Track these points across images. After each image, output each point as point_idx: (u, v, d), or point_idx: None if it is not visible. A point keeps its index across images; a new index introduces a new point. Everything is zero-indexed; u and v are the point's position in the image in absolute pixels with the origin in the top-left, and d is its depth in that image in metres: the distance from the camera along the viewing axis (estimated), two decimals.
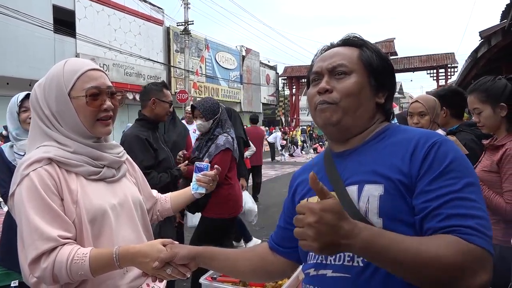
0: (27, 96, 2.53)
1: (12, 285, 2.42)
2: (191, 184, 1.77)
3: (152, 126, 3.10)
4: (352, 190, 1.02)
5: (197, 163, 1.80)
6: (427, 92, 3.41)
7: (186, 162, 3.33)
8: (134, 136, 2.94)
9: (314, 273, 1.07)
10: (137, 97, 21.67)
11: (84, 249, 1.25)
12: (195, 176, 1.76)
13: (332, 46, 1.18)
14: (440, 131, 2.63)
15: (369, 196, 0.97)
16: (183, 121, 6.60)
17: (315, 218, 0.78)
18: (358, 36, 1.16)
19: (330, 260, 1.02)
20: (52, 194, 1.26)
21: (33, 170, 1.26)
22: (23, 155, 2.40)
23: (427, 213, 0.90)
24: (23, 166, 1.28)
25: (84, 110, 1.34)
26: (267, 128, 26.59)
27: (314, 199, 1.09)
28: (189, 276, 1.31)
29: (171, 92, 3.23)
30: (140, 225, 1.51)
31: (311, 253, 1.10)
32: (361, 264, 0.96)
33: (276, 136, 20.18)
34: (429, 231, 0.89)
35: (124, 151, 1.56)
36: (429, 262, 0.81)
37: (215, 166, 1.80)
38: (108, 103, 1.37)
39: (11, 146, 2.52)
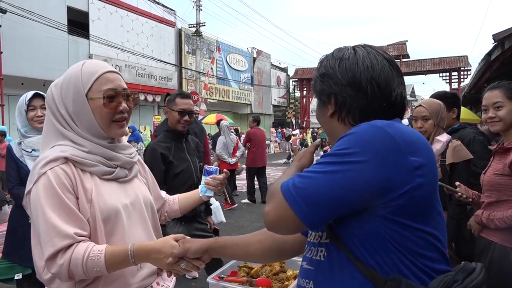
0: (34, 95, 2.59)
1: (15, 277, 2.47)
2: (200, 186, 1.80)
3: (175, 137, 3.10)
4: None
5: (206, 167, 1.83)
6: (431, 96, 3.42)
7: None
8: (150, 148, 3.05)
9: (301, 264, 1.16)
10: (149, 98, 21.76)
11: (99, 246, 1.28)
12: (204, 179, 1.79)
13: None
14: (444, 136, 2.64)
15: None
16: None
17: None
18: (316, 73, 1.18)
19: (308, 253, 1.11)
20: (68, 192, 1.29)
21: (50, 169, 1.29)
22: (30, 152, 2.49)
23: None
24: (40, 164, 1.30)
25: (101, 111, 1.37)
26: (276, 129, 26.72)
27: None
28: (203, 267, 1.35)
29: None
30: (150, 225, 1.55)
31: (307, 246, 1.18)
32: (322, 259, 1.04)
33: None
34: None
35: (135, 152, 1.59)
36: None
37: (224, 170, 1.83)
38: (124, 105, 1.41)
39: (19, 143, 2.57)
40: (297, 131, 22.70)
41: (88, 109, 1.37)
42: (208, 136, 11.45)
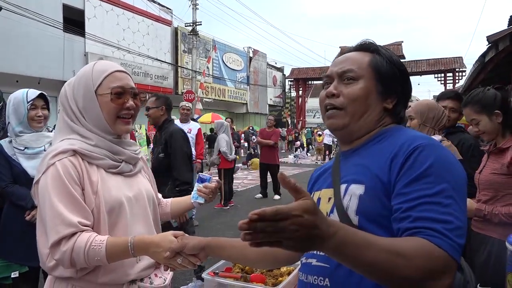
0: (38, 96, 2.57)
1: (12, 276, 2.47)
2: (192, 193, 1.84)
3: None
4: (343, 188, 1.08)
5: (200, 174, 1.87)
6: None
7: None
8: None
9: (304, 261, 1.15)
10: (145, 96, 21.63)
11: (101, 237, 1.34)
12: (196, 186, 1.84)
13: (348, 50, 1.22)
14: (436, 137, 2.68)
15: (352, 195, 1.04)
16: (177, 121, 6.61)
17: (294, 220, 0.76)
18: (372, 42, 1.20)
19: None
20: (75, 183, 1.36)
21: (58, 160, 1.36)
22: (23, 150, 2.49)
23: (398, 214, 0.94)
24: (49, 155, 1.38)
25: (108, 107, 1.45)
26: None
27: (317, 194, 1.19)
28: (199, 263, 1.39)
29: (178, 92, 3.22)
30: (151, 218, 1.61)
31: None
32: None
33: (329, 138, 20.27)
34: (399, 232, 0.93)
35: (139, 148, 1.66)
36: (400, 263, 0.82)
37: (216, 179, 1.86)
38: (130, 102, 1.49)
39: (10, 142, 2.54)
40: (326, 131, 22.24)
41: (96, 104, 1.45)
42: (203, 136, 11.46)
